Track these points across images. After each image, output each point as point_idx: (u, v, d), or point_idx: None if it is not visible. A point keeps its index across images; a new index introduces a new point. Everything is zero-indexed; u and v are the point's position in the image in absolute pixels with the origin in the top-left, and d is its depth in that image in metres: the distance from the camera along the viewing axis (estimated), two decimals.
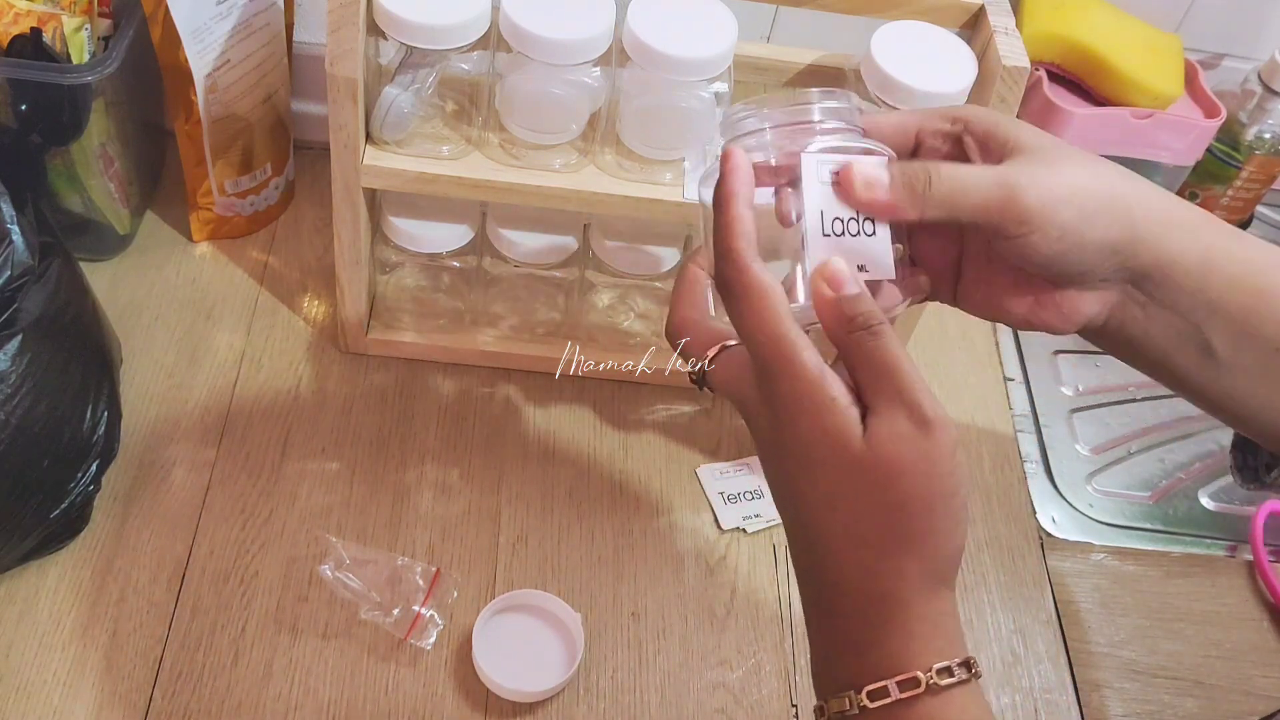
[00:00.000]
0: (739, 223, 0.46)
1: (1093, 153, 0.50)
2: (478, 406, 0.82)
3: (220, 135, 0.82)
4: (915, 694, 0.43)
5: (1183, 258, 0.49)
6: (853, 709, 0.44)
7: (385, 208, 0.76)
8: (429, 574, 0.71)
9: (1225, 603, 0.80)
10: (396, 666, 0.69)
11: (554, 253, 0.77)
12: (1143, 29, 0.93)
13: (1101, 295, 0.51)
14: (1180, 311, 0.50)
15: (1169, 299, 0.50)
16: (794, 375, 0.44)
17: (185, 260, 0.88)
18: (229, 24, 0.77)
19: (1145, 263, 0.49)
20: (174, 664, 0.67)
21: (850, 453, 0.43)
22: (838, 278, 0.45)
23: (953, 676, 0.43)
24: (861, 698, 0.43)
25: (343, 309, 0.80)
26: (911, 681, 0.43)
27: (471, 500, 0.77)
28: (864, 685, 0.43)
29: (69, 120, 0.76)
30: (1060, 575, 0.80)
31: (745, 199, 0.46)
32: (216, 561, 0.72)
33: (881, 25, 0.69)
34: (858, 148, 0.48)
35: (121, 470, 0.74)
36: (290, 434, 0.78)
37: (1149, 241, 0.49)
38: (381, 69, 0.69)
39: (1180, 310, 0.50)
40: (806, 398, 0.44)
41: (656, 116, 0.70)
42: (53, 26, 0.74)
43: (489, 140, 0.71)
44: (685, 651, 0.72)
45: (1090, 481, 0.87)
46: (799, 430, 0.44)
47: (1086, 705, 0.74)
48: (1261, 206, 1.05)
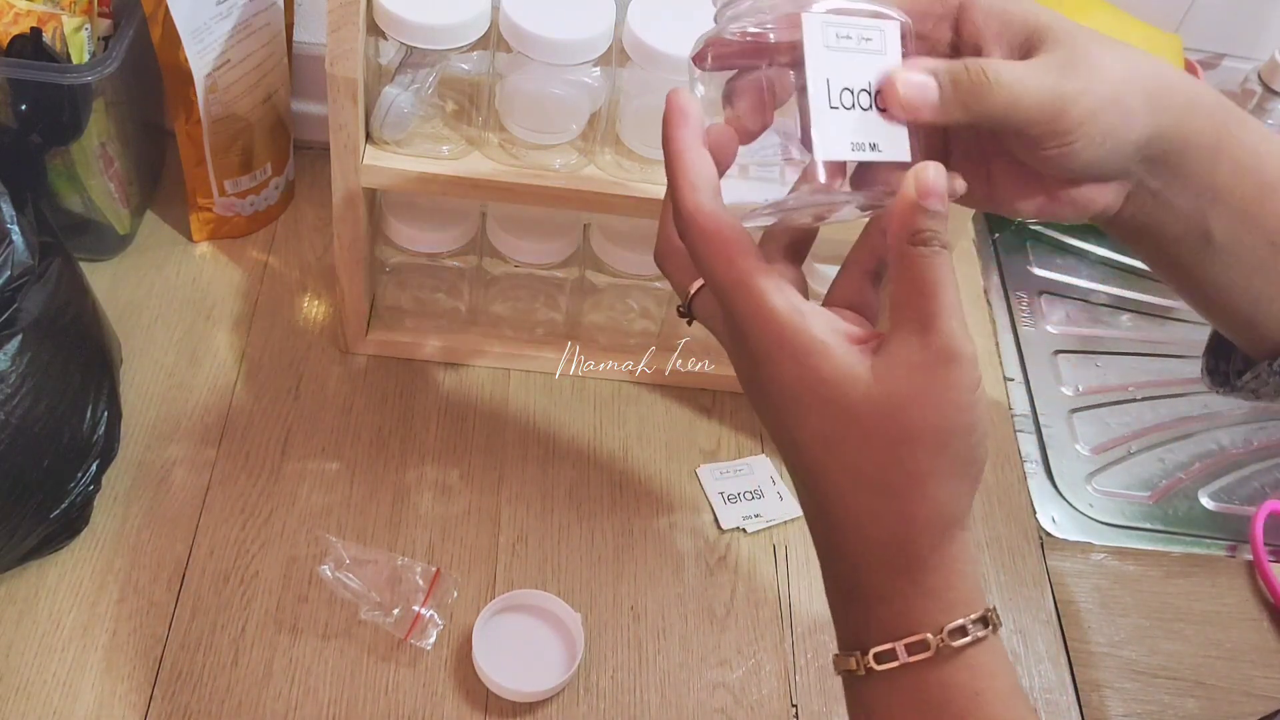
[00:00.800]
0: (690, 168, 0.43)
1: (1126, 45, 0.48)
2: (478, 406, 0.82)
3: (220, 135, 0.82)
4: (925, 657, 0.40)
5: (1198, 139, 0.47)
6: (859, 669, 0.41)
7: (385, 208, 0.76)
8: (429, 574, 0.71)
9: (1225, 603, 0.80)
10: (396, 666, 0.69)
11: (554, 253, 0.77)
12: (1143, 29, 0.93)
13: (1117, 185, 0.48)
14: (1187, 195, 0.48)
15: (1178, 182, 0.48)
16: (765, 320, 0.42)
17: (185, 260, 0.88)
18: (229, 24, 0.77)
19: (1165, 148, 0.47)
20: (174, 664, 0.67)
21: (843, 392, 0.41)
22: (931, 188, 0.41)
23: (966, 636, 0.40)
24: (869, 659, 0.41)
25: (343, 309, 0.80)
26: (920, 644, 0.40)
27: (471, 500, 0.77)
28: (871, 645, 0.41)
29: (69, 120, 0.76)
30: (1060, 575, 0.80)
31: (692, 141, 0.44)
32: (216, 561, 0.72)
33: None
34: (867, 9, 0.43)
35: (121, 470, 0.74)
36: (290, 434, 0.78)
37: (1172, 126, 0.46)
38: (381, 69, 0.69)
39: (1188, 193, 0.48)
40: (786, 343, 0.41)
41: (656, 116, 0.69)
42: (53, 26, 0.74)
43: (489, 140, 0.71)
44: (685, 651, 0.72)
45: (1090, 481, 0.87)
46: (781, 376, 0.42)
47: (1086, 705, 0.74)
48: None
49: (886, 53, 0.43)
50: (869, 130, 0.43)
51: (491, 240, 0.77)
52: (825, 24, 0.42)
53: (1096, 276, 1.00)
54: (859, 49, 0.43)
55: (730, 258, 0.42)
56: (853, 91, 0.42)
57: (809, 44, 0.42)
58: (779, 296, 0.42)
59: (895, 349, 0.41)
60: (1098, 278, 1.00)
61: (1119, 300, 0.99)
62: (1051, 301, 0.97)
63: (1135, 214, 0.49)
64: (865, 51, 0.43)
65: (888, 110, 0.44)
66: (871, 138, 0.43)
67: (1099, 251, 1.01)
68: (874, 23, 0.43)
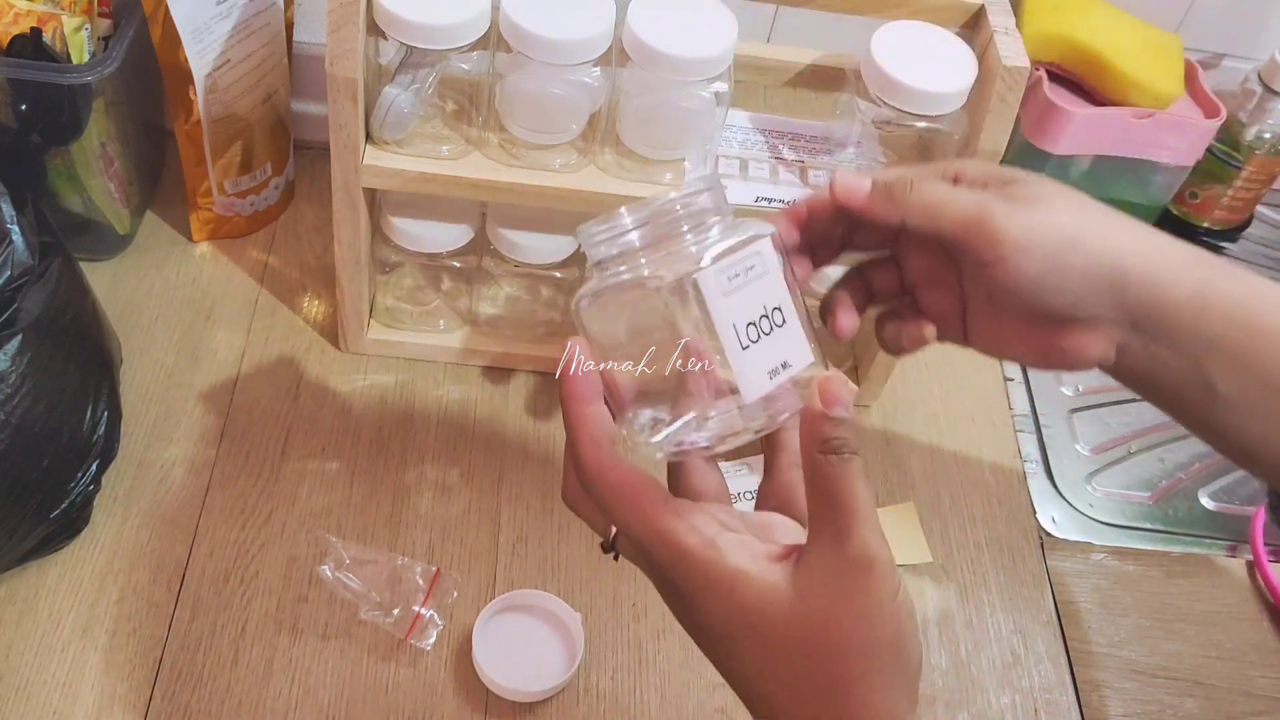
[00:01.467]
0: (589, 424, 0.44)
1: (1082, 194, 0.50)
2: (478, 406, 0.82)
3: (220, 135, 0.82)
4: None
5: (1175, 294, 0.49)
6: None
7: (385, 208, 0.76)
8: (429, 574, 0.71)
9: (1225, 603, 0.80)
10: (396, 666, 0.69)
11: (554, 253, 0.77)
12: (1143, 29, 0.93)
13: (1106, 334, 0.50)
14: (1179, 349, 0.50)
15: (1166, 336, 0.49)
16: (685, 564, 0.42)
17: (185, 260, 0.88)
18: (229, 24, 0.77)
19: (1138, 300, 0.49)
20: (174, 664, 0.67)
21: (768, 616, 0.41)
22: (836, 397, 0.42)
23: None
24: None
25: (343, 309, 0.80)
26: None
27: (471, 500, 0.77)
28: None
29: (69, 120, 0.76)
30: (1060, 575, 0.80)
31: (589, 395, 0.44)
32: (216, 562, 0.72)
33: (882, 25, 0.69)
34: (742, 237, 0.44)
35: (121, 470, 0.74)
36: (290, 434, 0.78)
37: (1138, 278, 0.48)
38: (381, 69, 0.69)
39: (1179, 348, 0.49)
40: (709, 581, 0.42)
41: (656, 116, 0.70)
42: (53, 26, 0.74)
43: (489, 140, 0.71)
44: (685, 651, 0.72)
45: (1090, 481, 0.87)
46: (709, 613, 0.42)
47: (1086, 705, 0.74)
48: (1261, 206, 1.05)
49: (769, 271, 0.44)
50: (776, 351, 0.44)
51: (491, 240, 0.77)
52: (717, 274, 0.42)
53: None
54: (747, 280, 0.43)
55: (643, 511, 0.43)
56: (755, 323, 0.43)
57: (710, 300, 0.42)
58: (693, 537, 0.42)
59: (813, 560, 0.41)
60: None
61: None
62: None
63: (1133, 365, 0.51)
64: (753, 280, 0.43)
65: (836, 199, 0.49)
66: (781, 357, 0.44)
67: None
68: (752, 250, 0.43)
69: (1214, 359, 0.49)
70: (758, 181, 0.73)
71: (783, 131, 0.76)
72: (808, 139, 0.76)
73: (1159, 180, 0.97)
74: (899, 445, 0.85)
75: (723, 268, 0.42)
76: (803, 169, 0.74)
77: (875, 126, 0.71)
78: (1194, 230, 1.03)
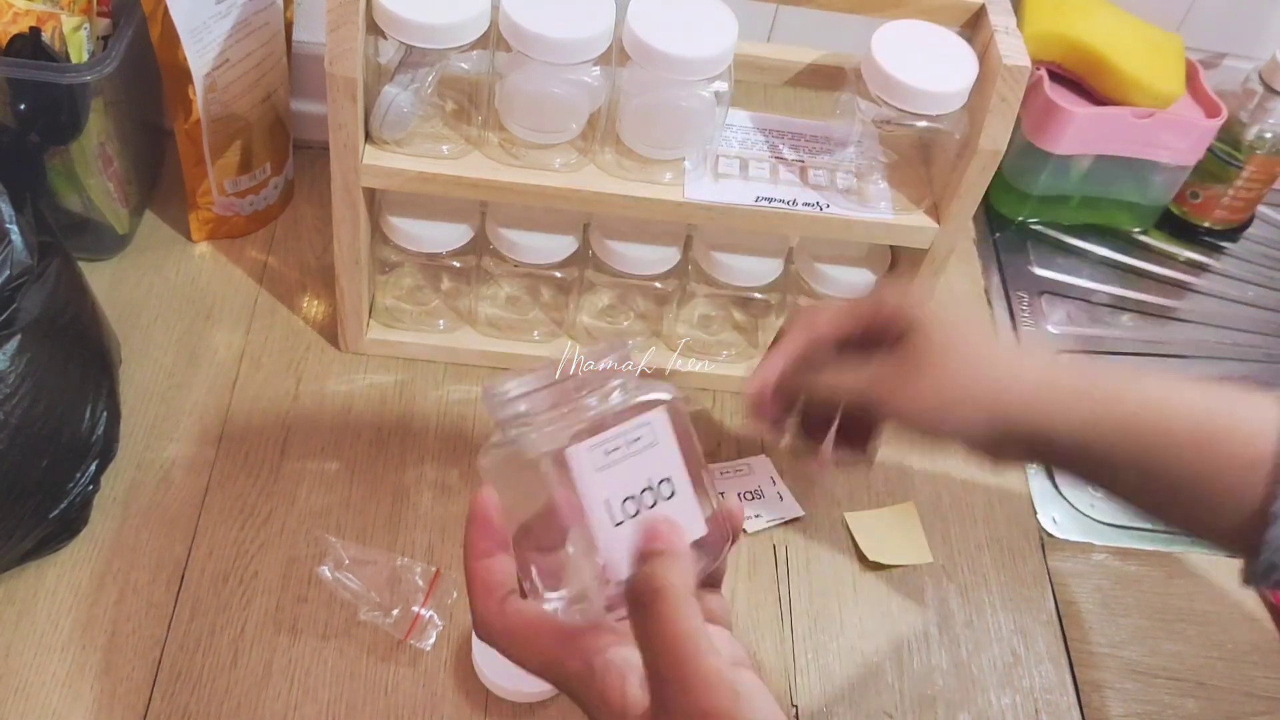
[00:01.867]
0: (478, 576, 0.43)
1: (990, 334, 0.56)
2: (477, 406, 0.82)
3: (219, 135, 0.82)
4: None
5: (1062, 429, 0.54)
6: None
7: (385, 207, 0.76)
8: (428, 574, 0.71)
9: (1226, 603, 0.80)
10: (396, 667, 0.69)
11: (554, 252, 0.77)
12: (1144, 28, 0.94)
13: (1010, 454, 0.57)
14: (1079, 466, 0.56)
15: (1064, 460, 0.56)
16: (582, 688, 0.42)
17: (184, 260, 0.88)
18: (228, 23, 0.77)
19: (1029, 440, 0.55)
20: (173, 665, 0.67)
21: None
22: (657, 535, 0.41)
23: None
24: None
25: (342, 309, 0.80)
26: None
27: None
28: None
29: (68, 120, 0.76)
30: (1061, 575, 0.80)
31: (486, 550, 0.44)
32: (216, 562, 0.72)
33: (882, 25, 0.69)
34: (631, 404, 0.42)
35: (120, 470, 0.74)
36: (290, 434, 0.78)
37: (1025, 425, 0.54)
38: (381, 68, 0.69)
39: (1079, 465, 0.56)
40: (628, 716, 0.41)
41: (656, 116, 0.70)
42: (52, 26, 0.74)
43: (489, 140, 0.71)
44: None
45: None
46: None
47: (1087, 705, 0.74)
48: (1262, 206, 1.05)
49: (658, 442, 0.42)
50: None
51: (491, 240, 0.77)
52: (590, 449, 0.40)
53: (1097, 276, 1.00)
54: (630, 453, 0.41)
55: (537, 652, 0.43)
56: (635, 497, 0.42)
57: (579, 477, 0.40)
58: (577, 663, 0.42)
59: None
60: (1098, 278, 1.00)
61: (1120, 300, 0.98)
62: (1052, 301, 0.97)
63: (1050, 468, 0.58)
64: (638, 452, 0.42)
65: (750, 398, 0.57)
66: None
67: (1100, 251, 1.01)
68: (639, 421, 0.42)
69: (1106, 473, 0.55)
70: (758, 181, 0.73)
71: (783, 131, 0.76)
72: (808, 138, 0.76)
73: (1159, 180, 0.97)
74: (899, 445, 0.85)
75: (598, 442, 0.41)
76: (803, 168, 0.74)
77: (875, 126, 0.71)
78: (1195, 230, 1.03)
